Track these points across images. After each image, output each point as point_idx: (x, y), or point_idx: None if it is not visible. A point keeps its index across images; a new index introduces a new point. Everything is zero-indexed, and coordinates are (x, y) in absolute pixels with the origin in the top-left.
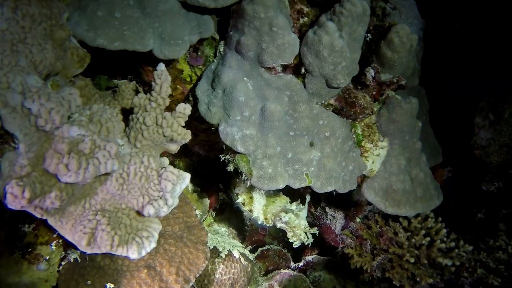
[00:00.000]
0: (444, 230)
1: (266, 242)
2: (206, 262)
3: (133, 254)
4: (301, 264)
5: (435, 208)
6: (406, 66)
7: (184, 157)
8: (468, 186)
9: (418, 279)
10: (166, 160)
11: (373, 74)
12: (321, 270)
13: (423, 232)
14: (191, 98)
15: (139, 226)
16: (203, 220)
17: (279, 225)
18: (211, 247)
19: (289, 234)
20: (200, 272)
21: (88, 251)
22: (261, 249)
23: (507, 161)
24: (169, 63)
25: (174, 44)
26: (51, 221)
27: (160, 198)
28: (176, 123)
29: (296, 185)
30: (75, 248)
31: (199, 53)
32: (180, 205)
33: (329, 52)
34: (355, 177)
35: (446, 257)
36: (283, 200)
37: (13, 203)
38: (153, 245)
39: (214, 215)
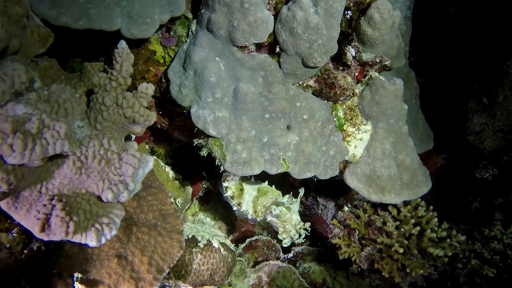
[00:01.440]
0: (436, 219)
1: (255, 233)
2: (181, 251)
3: (91, 241)
4: (290, 255)
5: (427, 197)
6: (389, 45)
7: (164, 144)
8: (463, 173)
9: (408, 270)
10: (134, 144)
11: (353, 54)
12: (311, 261)
13: (412, 221)
14: (163, 80)
15: (100, 212)
16: (187, 209)
17: (269, 218)
18: (190, 237)
19: (280, 230)
20: (175, 262)
21: (44, 238)
22: (249, 239)
23: (502, 147)
24: (140, 43)
25: (142, 23)
26: (3, 206)
27: (121, 182)
28: (137, 104)
29: (272, 171)
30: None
31: (171, 33)
32: (154, 193)
33: (304, 29)
34: (337, 163)
35: (437, 247)
36: (275, 193)
37: None
38: (114, 232)
39: (199, 205)
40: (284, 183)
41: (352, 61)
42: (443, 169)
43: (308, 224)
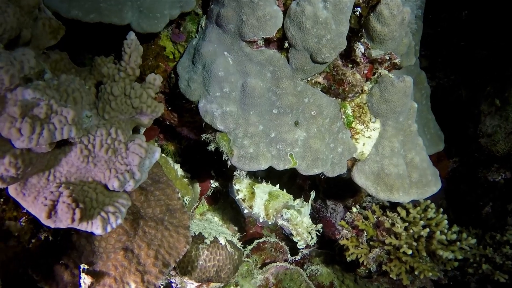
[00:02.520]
0: (445, 222)
1: (263, 235)
2: (187, 246)
3: (97, 229)
4: (298, 257)
5: (438, 201)
6: (398, 42)
7: (173, 142)
8: (474, 177)
9: (417, 273)
10: (142, 137)
11: (362, 50)
12: (318, 264)
13: (421, 222)
14: (173, 76)
15: (106, 201)
16: (195, 208)
17: (280, 222)
18: (197, 233)
19: (293, 233)
20: (181, 257)
21: (51, 225)
22: (257, 241)
23: None
24: (151, 39)
25: (153, 18)
26: (12, 192)
27: (127, 171)
28: (145, 94)
29: (280, 167)
30: (45, 225)
31: (181, 29)
32: (162, 188)
33: (312, 23)
34: (345, 160)
35: (447, 250)
36: (286, 196)
37: None
38: (120, 221)
39: (208, 204)
40: (293, 185)
41: (361, 58)
42: (454, 173)
43: (320, 226)
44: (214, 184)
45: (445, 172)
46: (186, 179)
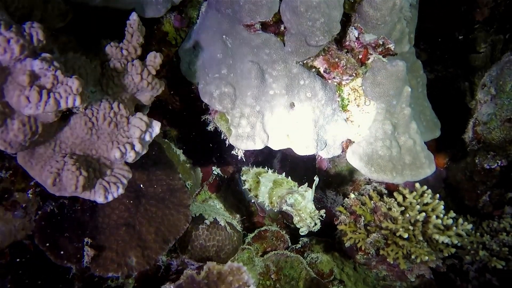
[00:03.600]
0: (442, 207)
1: (265, 225)
2: (187, 224)
3: (99, 197)
4: (298, 245)
5: (435, 190)
6: (391, 27)
7: (176, 127)
8: (471, 165)
9: (413, 257)
10: (144, 117)
11: (356, 34)
12: (318, 252)
13: (417, 207)
14: (175, 59)
15: (108, 172)
16: (197, 194)
17: (284, 207)
18: (197, 215)
19: (295, 219)
20: (181, 234)
21: (56, 193)
22: (258, 229)
23: (510, 137)
24: (154, 24)
25: (155, 3)
26: (20, 161)
27: (129, 143)
28: (146, 71)
29: (276, 146)
30: (51, 196)
31: (183, 15)
32: (163, 168)
33: (306, 7)
34: (340, 142)
35: (442, 234)
36: (291, 183)
37: None
38: (121, 191)
39: (210, 192)
40: (294, 174)
41: (356, 43)
42: (453, 163)
43: (323, 211)
44: (216, 171)
45: (444, 162)
46: (188, 165)
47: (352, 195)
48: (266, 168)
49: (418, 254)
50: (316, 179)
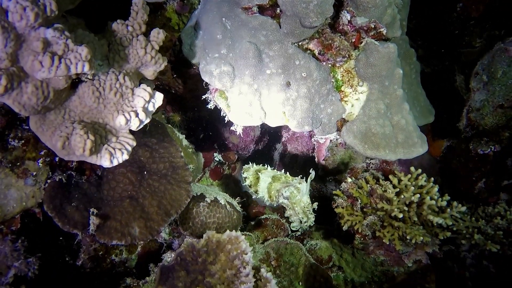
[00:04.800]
0: (436, 189)
1: (266, 214)
2: (188, 199)
3: (105, 161)
4: (298, 233)
5: (434, 177)
6: (382, 11)
7: (178, 113)
8: (466, 151)
9: (409, 238)
10: (148, 85)
11: (348, 18)
12: (317, 239)
13: (412, 188)
14: (177, 43)
15: (114, 139)
16: (199, 180)
17: (280, 200)
18: (198, 194)
19: (287, 213)
20: (182, 209)
21: (65, 156)
22: (259, 218)
23: (502, 122)
24: (157, 10)
25: None
26: (33, 126)
27: (133, 112)
28: (150, 45)
29: (273, 123)
30: (59, 166)
31: (185, 1)
32: (166, 146)
33: None
34: (334, 120)
35: (437, 215)
36: (289, 178)
37: None
38: (125, 156)
39: (211, 179)
40: (294, 167)
41: (348, 26)
42: (448, 150)
43: (316, 204)
44: (217, 157)
45: (440, 150)
46: (191, 150)
47: (349, 179)
48: (266, 165)
49: (413, 235)
50: (312, 172)
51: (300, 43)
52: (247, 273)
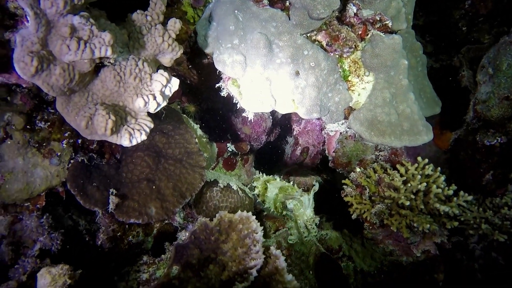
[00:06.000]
0: (442, 179)
1: None
2: (202, 183)
3: (125, 141)
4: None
5: (442, 170)
6: (387, 4)
7: (193, 103)
8: (473, 142)
9: (416, 225)
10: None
11: (355, 10)
12: (328, 229)
13: (419, 177)
14: (193, 35)
15: (133, 121)
16: (213, 169)
17: (284, 213)
18: (212, 180)
19: (288, 224)
20: (196, 191)
21: (88, 136)
22: None
23: (508, 114)
24: (174, 4)
25: None
26: (58, 107)
27: (151, 95)
28: (167, 34)
29: (282, 110)
30: (81, 148)
31: None
32: (181, 133)
33: None
34: (342, 109)
35: (443, 204)
36: (294, 190)
37: (23, 70)
38: (144, 137)
39: (224, 170)
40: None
41: (354, 18)
42: (456, 143)
43: (317, 219)
44: (230, 147)
45: (448, 143)
46: (205, 139)
47: (358, 169)
48: (276, 176)
49: (420, 223)
50: (316, 184)
51: (308, 35)
52: (257, 250)
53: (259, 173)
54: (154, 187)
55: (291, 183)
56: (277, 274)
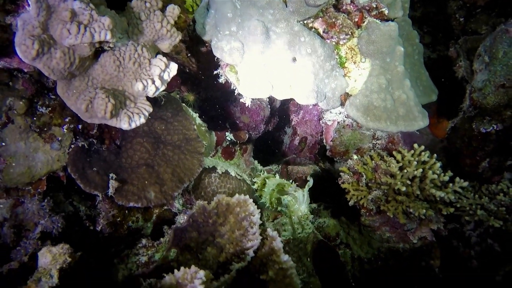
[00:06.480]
0: (438, 165)
1: None
2: (200, 169)
3: (124, 124)
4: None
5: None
6: None
7: (192, 92)
8: (469, 130)
9: (412, 211)
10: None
11: None
12: (325, 217)
13: (415, 163)
14: (191, 24)
15: (132, 105)
16: (212, 157)
17: (279, 208)
18: (210, 166)
19: (282, 220)
20: (195, 177)
21: (88, 119)
22: None
23: (504, 101)
24: None
25: None
26: (59, 91)
27: (150, 79)
28: (166, 20)
29: (280, 96)
30: (82, 133)
31: None
32: (180, 120)
33: None
34: (338, 95)
35: (439, 189)
36: (291, 186)
37: (24, 53)
38: (142, 120)
39: (223, 159)
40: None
41: (351, 5)
42: (452, 131)
43: (311, 216)
44: (229, 136)
45: (444, 132)
46: (204, 128)
47: (355, 157)
48: (275, 174)
49: (416, 209)
50: (310, 180)
51: (305, 22)
52: (254, 232)
53: (261, 171)
54: (153, 172)
55: (289, 171)
56: (274, 255)
